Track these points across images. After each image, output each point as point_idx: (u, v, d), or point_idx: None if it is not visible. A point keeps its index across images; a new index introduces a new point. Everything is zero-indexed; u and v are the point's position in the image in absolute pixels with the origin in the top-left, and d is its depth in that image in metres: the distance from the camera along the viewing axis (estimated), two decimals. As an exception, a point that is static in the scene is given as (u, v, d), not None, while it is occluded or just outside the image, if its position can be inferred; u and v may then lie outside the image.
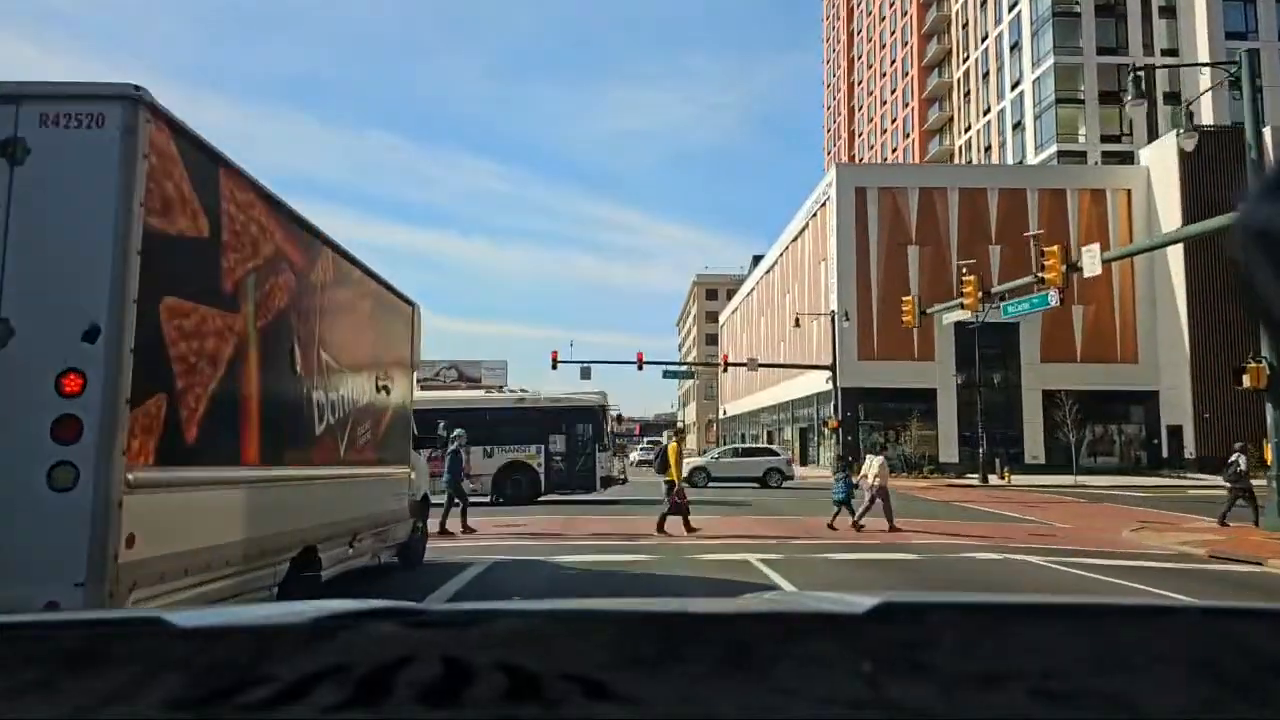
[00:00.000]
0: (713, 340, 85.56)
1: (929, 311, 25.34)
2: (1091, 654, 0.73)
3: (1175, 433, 40.21)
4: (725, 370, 44.43)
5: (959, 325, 36.07)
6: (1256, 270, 0.58)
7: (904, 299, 25.68)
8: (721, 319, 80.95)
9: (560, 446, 22.10)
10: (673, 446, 14.48)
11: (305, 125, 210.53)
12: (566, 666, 0.66)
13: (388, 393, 8.61)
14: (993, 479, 32.22)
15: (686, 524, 13.75)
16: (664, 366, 42.25)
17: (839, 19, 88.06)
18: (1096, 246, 19.00)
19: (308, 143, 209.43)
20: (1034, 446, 40.47)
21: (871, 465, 14.71)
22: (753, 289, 64.06)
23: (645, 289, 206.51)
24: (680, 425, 16.11)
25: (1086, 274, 18.89)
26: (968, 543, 12.83)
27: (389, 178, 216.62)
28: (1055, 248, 19.55)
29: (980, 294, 22.47)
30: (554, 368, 38.42)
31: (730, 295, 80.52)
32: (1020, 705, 0.61)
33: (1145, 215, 40.78)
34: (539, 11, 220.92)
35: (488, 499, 21.07)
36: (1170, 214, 38.50)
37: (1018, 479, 32.68)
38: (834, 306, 40.05)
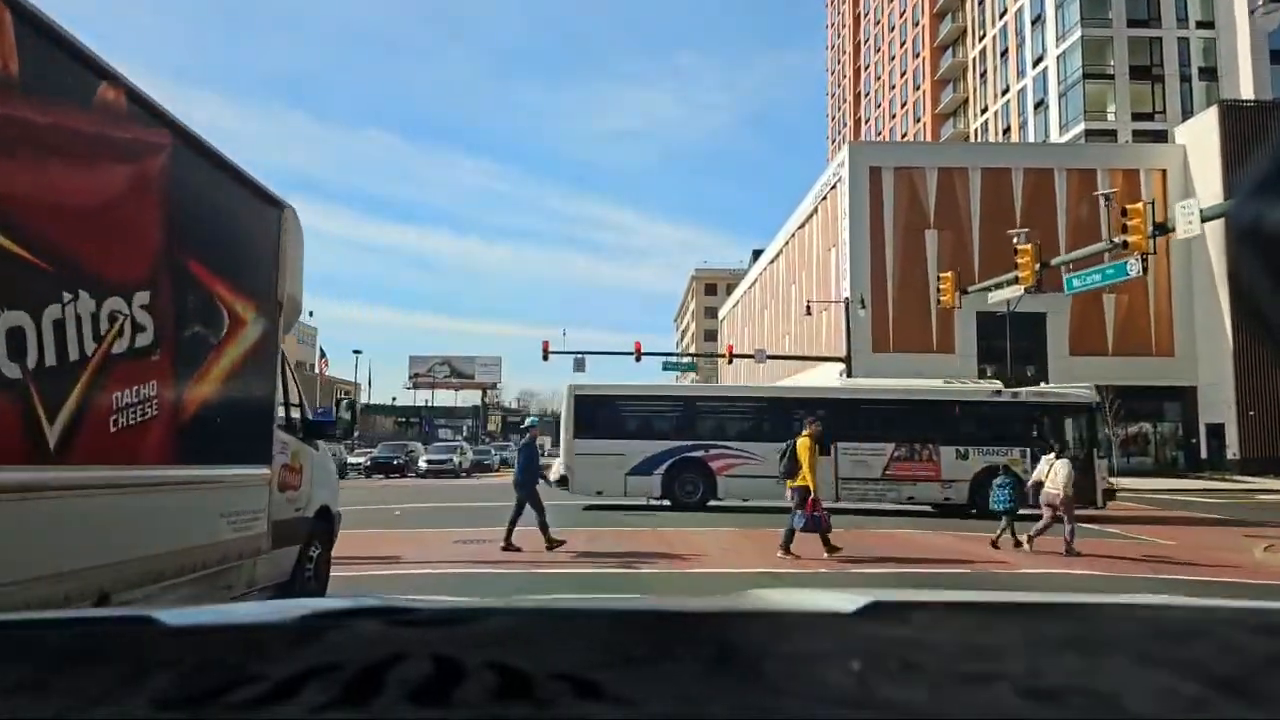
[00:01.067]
0: (712, 336, 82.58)
1: (971, 290, 22.05)
2: (1080, 652, 0.73)
3: (1215, 431, 37.34)
4: (730, 362, 41.18)
5: (982, 316, 33.14)
6: (1245, 266, 0.58)
7: (942, 275, 22.40)
8: (721, 313, 77.86)
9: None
10: (804, 441, 10.37)
11: (299, 123, 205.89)
12: (557, 665, 0.65)
13: (215, 340, 4.98)
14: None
15: (827, 543, 10.21)
16: (663, 358, 39.16)
17: (844, 2, 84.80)
18: (1194, 201, 15.72)
19: (301, 140, 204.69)
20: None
21: (1057, 470, 11.27)
22: (755, 281, 61.02)
23: (639, 288, 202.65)
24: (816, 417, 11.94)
25: (1180, 235, 15.66)
26: (1091, 572, 9.48)
27: (383, 176, 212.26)
28: (1139, 205, 16.26)
29: (1036, 265, 19.16)
30: (545, 358, 36.28)
31: (730, 290, 77.67)
32: (1009, 704, 0.61)
33: (1182, 196, 37.47)
34: (533, 10, 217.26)
35: (966, 504, 17.41)
36: (1209, 195, 35.40)
37: (1052, 482, 29.48)
38: (845, 295, 36.84)
